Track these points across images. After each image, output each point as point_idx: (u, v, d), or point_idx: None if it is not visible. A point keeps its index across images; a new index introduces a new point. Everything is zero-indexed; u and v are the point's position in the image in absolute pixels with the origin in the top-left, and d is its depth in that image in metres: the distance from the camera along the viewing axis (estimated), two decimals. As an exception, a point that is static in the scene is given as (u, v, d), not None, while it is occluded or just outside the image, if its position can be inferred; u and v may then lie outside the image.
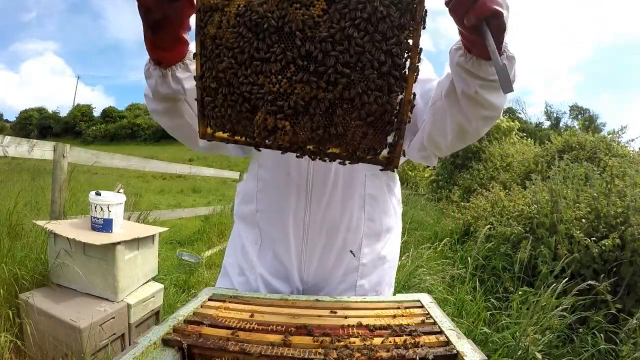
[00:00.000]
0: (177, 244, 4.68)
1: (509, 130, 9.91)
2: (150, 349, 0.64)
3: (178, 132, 0.90)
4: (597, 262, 2.61)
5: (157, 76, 0.73)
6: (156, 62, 0.73)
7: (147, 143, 46.52)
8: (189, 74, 0.75)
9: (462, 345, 0.63)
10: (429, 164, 0.99)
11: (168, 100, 0.79)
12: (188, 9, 0.65)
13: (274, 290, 0.95)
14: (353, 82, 0.57)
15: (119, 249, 1.94)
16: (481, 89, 0.66)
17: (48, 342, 1.78)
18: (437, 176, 10.39)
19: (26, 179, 5.73)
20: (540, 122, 32.09)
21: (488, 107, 0.70)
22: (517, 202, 3.96)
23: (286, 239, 0.93)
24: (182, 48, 0.72)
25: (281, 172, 0.93)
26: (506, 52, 0.62)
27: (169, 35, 0.67)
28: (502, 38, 0.59)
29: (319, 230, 0.92)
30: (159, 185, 14.64)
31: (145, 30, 0.66)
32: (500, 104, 0.70)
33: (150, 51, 0.71)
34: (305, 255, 0.93)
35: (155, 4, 0.62)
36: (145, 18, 0.64)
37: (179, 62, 0.73)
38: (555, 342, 2.16)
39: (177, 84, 0.75)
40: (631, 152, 6.11)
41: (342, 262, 0.93)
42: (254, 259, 0.97)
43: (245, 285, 0.98)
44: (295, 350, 0.62)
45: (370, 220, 0.94)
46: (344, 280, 0.94)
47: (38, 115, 54.40)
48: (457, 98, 0.72)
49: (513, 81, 0.63)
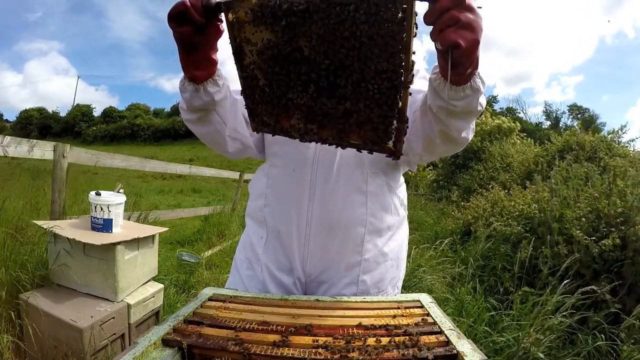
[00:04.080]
0: (177, 244, 4.68)
1: (509, 131, 9.91)
2: (150, 349, 0.64)
3: (209, 139, 0.99)
4: (597, 262, 2.61)
5: (191, 90, 0.83)
6: (190, 79, 0.82)
7: (147, 143, 46.55)
8: (218, 88, 0.85)
9: (462, 345, 0.63)
10: (410, 169, 1.07)
11: (200, 111, 0.89)
12: (216, 34, 0.75)
13: (278, 281, 0.99)
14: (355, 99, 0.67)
15: (119, 249, 1.94)
16: (440, 110, 0.72)
17: (48, 342, 1.78)
18: (438, 176, 10.40)
19: (26, 179, 5.73)
20: (539, 122, 32.08)
21: (447, 126, 0.76)
22: (517, 202, 3.96)
23: (290, 232, 0.97)
24: (213, 67, 0.82)
25: (287, 169, 0.98)
26: (472, 83, 0.66)
27: (201, 57, 0.78)
28: (467, 68, 0.63)
29: (322, 224, 0.95)
30: (159, 185, 14.65)
31: (180, 52, 0.77)
32: (459, 127, 0.76)
33: (184, 70, 0.81)
34: (308, 248, 0.96)
35: (188, 35, 0.72)
36: (179, 43, 0.75)
37: (210, 78, 0.83)
38: (556, 342, 2.16)
39: (208, 97, 0.85)
40: (631, 152, 6.10)
41: (345, 257, 0.96)
42: (259, 252, 1.02)
43: (252, 278, 1.03)
44: (295, 350, 0.62)
45: (372, 216, 0.97)
46: (347, 274, 0.97)
47: (38, 115, 54.40)
48: (426, 110, 0.79)
49: (474, 109, 0.70)
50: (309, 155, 0.96)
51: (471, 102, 0.69)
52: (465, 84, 0.66)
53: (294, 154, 0.97)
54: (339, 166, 0.95)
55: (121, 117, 52.18)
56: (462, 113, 0.71)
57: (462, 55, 0.60)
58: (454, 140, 0.80)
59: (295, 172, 0.97)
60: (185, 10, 0.69)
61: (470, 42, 0.58)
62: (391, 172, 1.01)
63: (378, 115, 0.67)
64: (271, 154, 1.04)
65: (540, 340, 1.99)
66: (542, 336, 2.02)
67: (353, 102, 0.68)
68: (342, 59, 0.65)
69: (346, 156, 0.95)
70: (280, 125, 0.78)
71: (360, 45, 0.62)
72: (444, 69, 0.64)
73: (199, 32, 0.72)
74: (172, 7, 0.69)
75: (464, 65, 0.62)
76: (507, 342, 2.13)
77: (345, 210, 0.95)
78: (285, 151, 0.99)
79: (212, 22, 0.72)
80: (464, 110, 0.70)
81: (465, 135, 0.79)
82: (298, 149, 0.96)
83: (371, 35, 0.61)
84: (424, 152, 0.89)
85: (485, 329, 2.31)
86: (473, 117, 0.76)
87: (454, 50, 0.59)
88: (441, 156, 0.92)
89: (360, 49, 0.63)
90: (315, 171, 0.96)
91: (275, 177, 1.01)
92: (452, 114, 0.72)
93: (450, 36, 0.57)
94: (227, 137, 0.95)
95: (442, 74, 0.66)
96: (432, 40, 0.61)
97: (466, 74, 0.64)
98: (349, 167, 0.95)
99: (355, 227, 0.95)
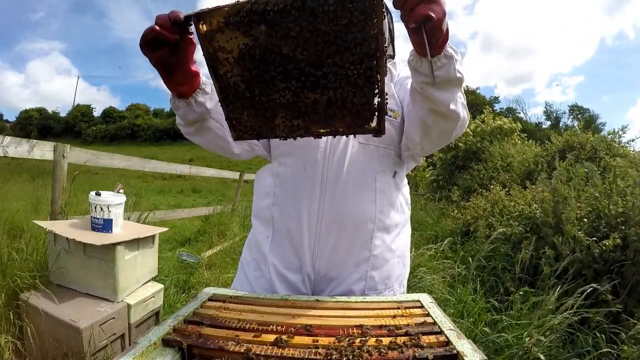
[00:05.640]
0: (177, 244, 4.68)
1: (510, 131, 9.90)
2: (150, 349, 0.64)
3: (212, 146, 1.02)
4: (598, 263, 2.61)
5: (184, 106, 0.87)
6: (178, 96, 0.85)
7: (147, 143, 46.55)
8: (208, 95, 0.88)
9: (462, 345, 0.63)
10: (416, 162, 1.10)
11: (197, 122, 0.92)
12: (190, 47, 0.76)
13: (286, 280, 1.00)
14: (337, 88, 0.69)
15: (119, 249, 1.94)
16: (424, 85, 0.77)
17: (48, 343, 1.78)
18: (437, 176, 10.40)
19: (26, 179, 5.73)
20: (540, 122, 32.11)
21: (434, 101, 0.80)
22: (518, 202, 3.96)
23: (300, 229, 0.98)
24: (196, 79, 0.84)
25: (298, 167, 1.00)
26: (444, 52, 0.72)
27: (182, 74, 0.80)
28: (438, 38, 0.69)
29: (332, 221, 0.96)
30: (159, 186, 14.65)
31: (162, 76, 0.79)
32: (445, 98, 0.79)
33: (170, 89, 0.84)
34: (318, 244, 0.97)
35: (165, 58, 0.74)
36: (159, 68, 0.77)
37: (197, 89, 0.86)
38: (555, 342, 2.15)
39: (200, 107, 0.88)
40: (631, 152, 6.09)
41: (354, 253, 0.98)
42: (266, 251, 1.03)
43: (260, 279, 1.04)
44: (295, 350, 0.62)
45: (380, 212, 0.99)
46: (356, 270, 0.99)
47: (38, 115, 54.40)
48: (414, 95, 0.84)
49: (452, 77, 0.75)
50: (319, 153, 0.98)
51: (448, 69, 0.74)
52: (439, 54, 0.72)
53: (305, 153, 0.99)
54: (349, 164, 0.98)
55: (121, 117, 52.17)
56: (443, 83, 0.76)
57: (433, 27, 0.65)
58: (444, 114, 0.83)
59: (306, 170, 0.99)
60: (157, 35, 0.70)
61: (440, 13, 0.64)
62: (398, 170, 1.05)
63: (361, 97, 0.69)
64: (279, 153, 1.06)
65: (541, 341, 1.99)
66: (543, 337, 2.02)
67: (336, 90, 0.69)
68: (320, 50, 0.67)
69: (356, 154, 0.98)
70: (265, 127, 0.78)
71: (336, 35, 0.65)
72: (420, 45, 0.70)
73: (175, 51, 0.74)
74: (143, 36, 0.70)
75: (436, 36, 0.68)
76: (507, 342, 2.12)
77: (356, 207, 0.97)
78: (295, 150, 1.00)
79: (184, 36, 0.73)
80: (445, 79, 0.75)
81: (454, 108, 0.82)
82: (309, 147, 0.98)
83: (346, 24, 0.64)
84: (423, 139, 0.92)
85: (485, 330, 2.31)
86: (456, 87, 0.80)
87: (426, 24, 0.64)
88: (440, 142, 0.94)
89: (336, 38, 0.65)
90: (327, 168, 0.98)
91: (285, 176, 1.02)
92: (435, 86, 0.77)
93: (421, 11, 0.63)
94: (229, 140, 0.97)
95: (417, 52, 0.73)
96: (404, 22, 0.66)
97: (439, 44, 0.70)
98: (359, 164, 0.98)
99: (365, 223, 0.97)
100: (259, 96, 0.74)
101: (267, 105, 0.75)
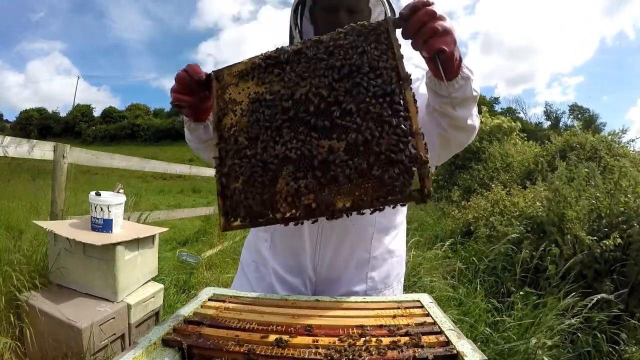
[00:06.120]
0: (177, 244, 4.68)
1: (510, 131, 9.89)
2: (150, 349, 0.64)
3: None
4: (599, 262, 2.60)
5: (201, 129, 0.94)
6: (195, 120, 0.93)
7: (147, 143, 46.53)
8: None
9: (462, 345, 0.63)
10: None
11: (209, 140, 0.96)
12: (205, 103, 0.85)
13: (287, 283, 1.00)
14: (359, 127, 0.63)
15: (119, 249, 1.94)
16: (444, 105, 0.81)
17: (48, 343, 1.78)
18: (437, 176, 10.39)
19: (26, 179, 5.73)
20: (540, 122, 32.09)
21: (453, 118, 0.83)
22: (519, 202, 3.95)
23: (301, 234, 0.98)
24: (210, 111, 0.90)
25: None
26: (461, 73, 0.76)
27: (206, 111, 0.90)
28: (452, 65, 0.72)
29: (333, 224, 0.96)
30: (159, 186, 14.66)
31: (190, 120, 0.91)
32: (463, 115, 0.83)
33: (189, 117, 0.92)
34: (319, 248, 0.98)
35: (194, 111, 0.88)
36: (191, 117, 0.90)
37: None
38: (557, 342, 2.15)
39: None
40: (632, 152, 6.10)
41: (355, 255, 0.99)
42: (266, 255, 1.04)
43: (260, 280, 1.05)
44: (296, 350, 0.62)
45: (381, 216, 0.99)
46: (356, 272, 1.00)
47: (38, 115, 54.37)
48: (431, 111, 0.87)
49: (469, 96, 0.79)
50: None
51: (465, 90, 0.78)
52: (456, 76, 0.75)
53: None
54: None
55: (121, 117, 52.15)
56: (462, 101, 0.80)
57: (447, 59, 0.69)
58: (462, 128, 0.87)
59: None
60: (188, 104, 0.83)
61: (452, 44, 0.68)
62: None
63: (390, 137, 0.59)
64: None
65: (546, 344, 1.99)
66: (549, 341, 2.02)
67: (357, 129, 0.61)
68: (335, 89, 0.66)
69: None
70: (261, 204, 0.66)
71: (350, 73, 0.65)
72: (435, 71, 0.73)
73: (202, 100, 0.84)
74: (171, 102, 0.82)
75: (451, 63, 0.72)
76: (513, 345, 2.10)
77: None
78: None
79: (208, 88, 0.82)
80: (463, 98, 0.79)
81: (471, 123, 0.86)
82: None
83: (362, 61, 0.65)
84: (441, 149, 0.93)
85: (485, 330, 2.30)
86: (472, 103, 0.83)
87: (440, 55, 0.68)
88: (456, 151, 0.96)
89: (351, 76, 0.65)
90: None
91: None
92: (454, 105, 0.80)
93: (435, 44, 0.66)
94: None
95: (435, 76, 0.76)
96: (416, 50, 0.70)
97: (455, 69, 0.74)
98: None
99: (366, 227, 0.99)
100: (261, 153, 0.68)
101: (268, 163, 0.67)
